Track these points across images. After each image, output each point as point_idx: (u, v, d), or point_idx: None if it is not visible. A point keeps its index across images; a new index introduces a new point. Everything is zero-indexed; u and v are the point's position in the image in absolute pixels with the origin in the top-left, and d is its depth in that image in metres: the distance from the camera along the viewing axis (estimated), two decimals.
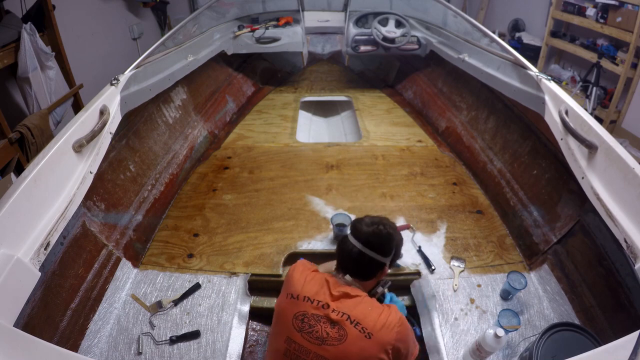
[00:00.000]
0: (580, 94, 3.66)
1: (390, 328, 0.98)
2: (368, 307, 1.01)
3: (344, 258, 1.10)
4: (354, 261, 1.07)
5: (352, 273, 1.09)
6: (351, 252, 1.07)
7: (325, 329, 0.98)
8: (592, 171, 1.31)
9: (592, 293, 1.32)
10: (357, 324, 0.97)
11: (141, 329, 1.32)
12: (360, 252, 1.06)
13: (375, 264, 1.08)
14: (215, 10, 3.09)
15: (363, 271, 1.10)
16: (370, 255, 1.06)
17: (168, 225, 1.82)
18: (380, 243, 1.07)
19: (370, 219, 1.11)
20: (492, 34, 2.18)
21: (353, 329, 0.97)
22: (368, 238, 1.07)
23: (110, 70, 1.89)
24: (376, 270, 1.10)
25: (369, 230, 1.07)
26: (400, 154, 2.39)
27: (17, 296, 0.97)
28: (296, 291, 1.05)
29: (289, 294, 1.06)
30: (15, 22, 2.41)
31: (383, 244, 1.08)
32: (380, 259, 1.08)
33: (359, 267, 1.08)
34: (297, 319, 1.01)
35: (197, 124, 2.52)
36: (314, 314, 1.00)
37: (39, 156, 1.20)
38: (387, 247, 1.09)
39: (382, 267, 1.10)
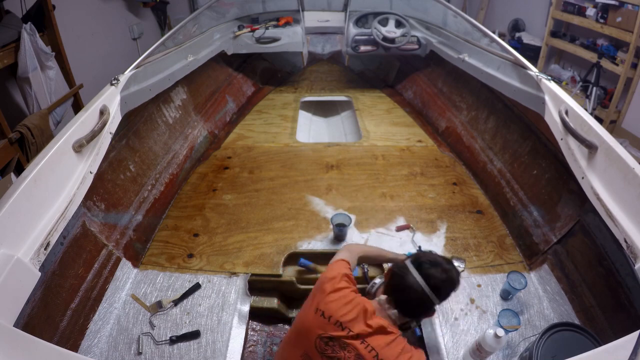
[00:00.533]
0: (580, 94, 3.66)
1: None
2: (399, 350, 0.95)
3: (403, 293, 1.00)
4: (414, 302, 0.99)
5: (405, 311, 1.01)
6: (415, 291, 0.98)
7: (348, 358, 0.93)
8: (592, 171, 1.31)
9: (592, 293, 1.32)
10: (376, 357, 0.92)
11: (141, 329, 1.32)
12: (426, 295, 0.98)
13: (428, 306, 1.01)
14: (215, 10, 3.09)
15: (417, 311, 1.02)
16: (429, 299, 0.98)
17: (168, 225, 1.82)
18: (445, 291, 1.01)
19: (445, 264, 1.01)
20: (492, 34, 2.18)
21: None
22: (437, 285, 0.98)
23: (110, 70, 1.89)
24: (426, 313, 1.04)
25: (442, 278, 0.99)
26: (400, 154, 2.39)
27: (17, 296, 0.97)
28: (329, 311, 0.97)
29: (320, 310, 0.98)
30: (15, 22, 2.41)
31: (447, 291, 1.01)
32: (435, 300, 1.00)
33: (413, 308, 1.01)
34: (321, 340, 0.95)
35: (197, 124, 2.52)
36: (343, 342, 0.94)
37: (39, 156, 1.20)
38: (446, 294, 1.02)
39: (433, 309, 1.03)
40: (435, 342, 1.30)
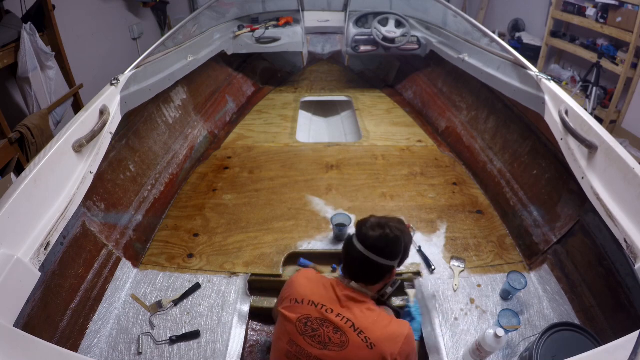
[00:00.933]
0: (580, 94, 3.66)
1: (395, 342, 0.96)
2: (375, 317, 0.98)
3: (350, 263, 1.06)
4: (360, 267, 1.03)
5: (359, 278, 1.05)
6: (357, 258, 1.02)
7: (328, 334, 0.96)
8: (592, 171, 1.31)
9: (592, 293, 1.32)
10: (360, 332, 0.95)
11: (141, 329, 1.32)
12: (366, 257, 1.01)
13: (383, 268, 1.03)
14: (215, 10, 3.09)
15: (370, 277, 1.05)
16: (377, 261, 1.01)
17: (168, 225, 1.82)
18: (388, 248, 1.02)
19: (376, 220, 1.05)
20: (492, 34, 2.18)
21: (356, 337, 0.95)
22: (374, 243, 1.01)
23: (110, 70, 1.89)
24: (384, 275, 1.06)
25: (375, 235, 1.01)
26: (400, 154, 2.39)
27: (17, 296, 0.97)
28: (301, 295, 1.02)
29: (293, 299, 1.04)
30: (15, 22, 2.41)
31: (391, 248, 1.03)
32: (388, 263, 1.03)
33: (366, 272, 1.04)
34: (300, 322, 0.99)
35: (197, 124, 2.52)
36: (318, 318, 0.98)
37: (39, 156, 1.20)
38: (395, 250, 1.04)
39: (389, 271, 1.06)
40: (435, 342, 1.30)
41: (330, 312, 0.98)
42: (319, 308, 1.00)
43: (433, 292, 1.45)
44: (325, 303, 1.00)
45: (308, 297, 1.02)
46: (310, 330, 0.98)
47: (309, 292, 1.03)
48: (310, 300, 1.01)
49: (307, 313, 1.00)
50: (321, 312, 0.99)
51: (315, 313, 0.99)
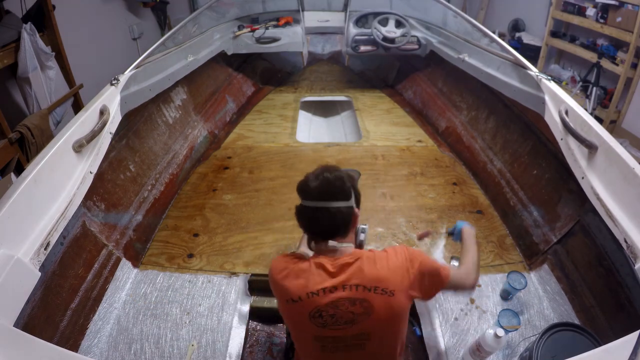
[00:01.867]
0: (580, 94, 3.66)
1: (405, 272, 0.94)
2: (372, 264, 0.94)
3: (313, 225, 0.98)
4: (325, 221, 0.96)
5: (330, 235, 0.97)
6: (315, 215, 0.95)
7: (347, 310, 0.92)
8: (592, 171, 1.31)
9: (592, 293, 1.32)
10: (375, 288, 0.91)
11: (141, 329, 1.32)
12: (325, 209, 0.94)
13: (344, 212, 0.96)
14: (215, 10, 3.09)
15: (338, 227, 0.97)
16: (335, 207, 0.94)
17: (168, 225, 1.81)
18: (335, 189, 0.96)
19: (311, 175, 0.99)
20: (492, 34, 2.18)
21: (374, 295, 0.91)
22: (320, 192, 0.95)
23: (110, 70, 1.89)
24: (349, 219, 0.98)
25: (317, 184, 0.95)
26: (400, 154, 2.39)
27: (17, 296, 0.97)
28: (295, 293, 0.94)
29: (289, 299, 0.95)
30: (15, 22, 2.41)
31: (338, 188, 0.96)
32: (345, 204, 0.96)
33: (333, 225, 0.96)
34: (314, 318, 0.93)
35: (197, 124, 2.51)
36: (328, 303, 0.92)
37: (39, 156, 1.20)
38: (344, 189, 0.97)
39: (352, 212, 0.98)
40: (435, 342, 1.30)
41: (334, 290, 0.92)
42: (322, 294, 0.93)
43: None
44: (324, 285, 0.93)
45: (303, 291, 0.94)
46: (330, 318, 0.93)
47: (302, 286, 0.94)
48: (307, 293, 0.93)
49: (315, 306, 0.93)
50: (327, 296, 0.92)
51: (322, 300, 0.92)
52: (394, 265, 0.95)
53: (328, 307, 0.92)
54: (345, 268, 0.94)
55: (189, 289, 1.47)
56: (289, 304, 0.96)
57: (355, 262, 0.95)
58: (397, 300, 0.93)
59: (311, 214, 0.96)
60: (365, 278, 0.92)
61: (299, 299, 0.94)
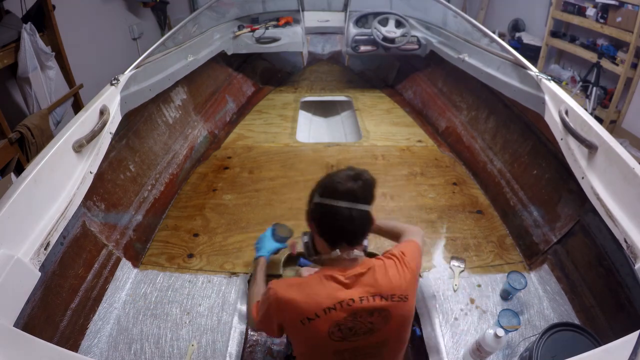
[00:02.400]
0: (580, 94, 3.66)
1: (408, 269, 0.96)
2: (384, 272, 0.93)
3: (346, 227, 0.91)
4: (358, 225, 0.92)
5: (352, 241, 0.93)
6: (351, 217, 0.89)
7: (366, 322, 0.90)
8: (592, 171, 1.31)
9: (592, 293, 1.32)
10: (392, 296, 0.90)
11: (141, 329, 1.32)
12: (361, 212, 0.90)
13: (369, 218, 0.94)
14: (215, 10, 3.09)
15: (364, 232, 0.95)
16: (367, 211, 0.92)
17: (168, 225, 1.81)
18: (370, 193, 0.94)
19: (344, 174, 0.94)
20: (492, 34, 2.18)
21: (392, 303, 0.91)
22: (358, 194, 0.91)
23: (110, 70, 1.89)
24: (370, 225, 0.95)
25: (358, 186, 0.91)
26: (400, 154, 2.39)
27: (17, 296, 0.97)
28: (311, 311, 0.88)
29: (303, 319, 0.89)
30: (15, 22, 2.41)
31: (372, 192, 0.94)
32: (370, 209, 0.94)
33: (363, 228, 0.94)
34: (333, 333, 0.89)
35: (197, 124, 2.52)
36: (346, 317, 0.89)
37: (39, 156, 1.20)
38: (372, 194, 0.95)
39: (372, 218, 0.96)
40: (435, 342, 1.30)
41: (352, 302, 0.88)
42: (338, 308, 0.88)
43: (433, 292, 1.45)
44: (341, 298, 0.89)
45: (318, 307, 0.88)
46: (348, 331, 0.90)
47: (314, 302, 0.89)
48: (324, 309, 0.88)
49: (333, 321, 0.88)
50: (343, 309, 0.88)
51: (340, 314, 0.88)
52: (402, 270, 0.96)
53: (347, 321, 0.89)
54: (358, 278, 0.91)
55: (189, 289, 1.47)
56: (304, 325, 0.89)
57: (367, 272, 0.92)
58: (410, 303, 0.94)
59: (348, 215, 0.89)
60: (381, 287, 0.91)
61: (316, 316, 0.88)
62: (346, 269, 0.92)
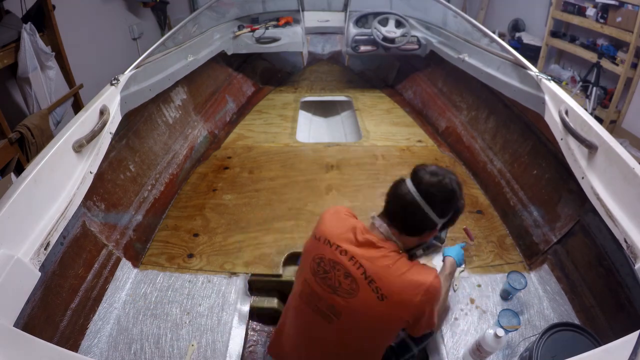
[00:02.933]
0: (580, 94, 3.66)
1: (413, 292, 0.87)
2: (390, 263, 0.89)
3: (394, 203, 0.95)
4: (404, 209, 0.92)
5: (397, 222, 0.94)
6: (404, 197, 0.92)
7: (338, 278, 0.90)
8: (592, 171, 1.31)
9: (592, 293, 1.32)
10: (371, 281, 0.88)
11: (141, 329, 1.32)
12: (414, 201, 0.90)
13: (427, 221, 0.92)
14: (215, 10, 3.09)
15: (410, 224, 0.93)
16: (424, 209, 0.90)
17: (168, 225, 1.81)
18: (441, 198, 0.92)
19: (436, 167, 0.95)
20: (492, 34, 2.18)
21: (366, 285, 0.88)
22: (429, 189, 0.91)
23: (110, 70, 1.89)
24: (424, 228, 0.94)
25: (432, 180, 0.91)
26: (401, 154, 2.39)
27: (17, 296, 0.97)
28: (320, 231, 0.97)
29: (314, 234, 0.99)
30: (15, 22, 2.41)
31: (443, 200, 0.92)
32: (433, 216, 0.91)
33: (407, 218, 0.93)
34: (314, 261, 0.95)
35: (197, 124, 2.52)
36: (330, 259, 0.92)
37: (39, 156, 1.20)
38: (446, 205, 0.93)
39: (432, 228, 0.94)
40: (435, 342, 1.30)
41: (344, 254, 0.91)
42: (333, 248, 0.92)
43: None
44: (340, 244, 0.92)
45: (326, 234, 0.95)
46: (322, 272, 0.93)
47: (328, 230, 0.96)
48: (326, 239, 0.94)
49: (322, 252, 0.94)
50: (334, 253, 0.92)
51: (328, 253, 0.92)
52: (408, 278, 0.89)
53: (328, 262, 0.93)
54: (368, 246, 0.92)
55: (189, 289, 1.47)
56: (313, 239, 0.99)
57: (379, 249, 0.92)
58: (383, 308, 0.88)
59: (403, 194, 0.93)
60: (372, 267, 0.89)
61: (319, 239, 0.97)
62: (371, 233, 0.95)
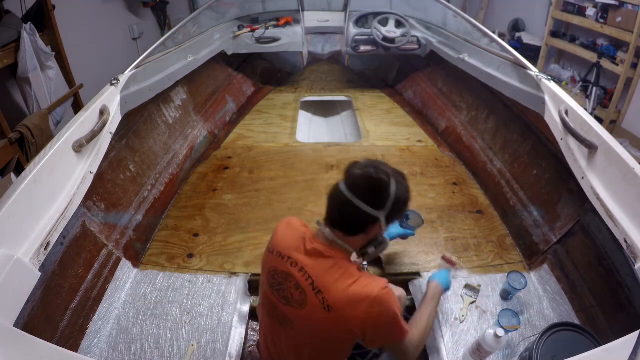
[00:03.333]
0: (580, 94, 3.66)
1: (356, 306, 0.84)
2: (337, 275, 0.88)
3: (330, 205, 0.94)
4: (340, 209, 0.90)
5: (337, 225, 0.92)
6: (338, 197, 0.90)
7: (290, 289, 0.91)
8: (592, 171, 1.31)
9: (592, 293, 1.32)
10: (318, 292, 0.87)
11: (141, 329, 1.32)
12: (346, 198, 0.88)
13: (364, 216, 0.88)
14: (215, 10, 3.09)
15: (348, 223, 0.91)
16: (356, 204, 0.87)
17: (168, 225, 1.81)
18: (369, 189, 0.89)
19: (366, 161, 0.92)
20: (492, 34, 2.18)
21: (314, 296, 0.87)
22: (355, 182, 0.89)
23: (110, 70, 1.89)
24: (365, 225, 0.90)
25: (357, 173, 0.90)
26: (400, 154, 2.39)
27: (17, 296, 0.97)
28: (273, 244, 0.99)
29: (269, 247, 1.01)
30: (15, 22, 2.41)
31: (372, 190, 0.89)
32: (370, 211, 0.88)
33: (344, 217, 0.91)
34: (270, 274, 0.97)
35: (197, 124, 2.52)
36: (283, 271, 0.93)
37: (39, 156, 1.20)
38: (377, 195, 0.89)
39: (373, 222, 0.90)
40: (435, 342, 1.30)
41: (294, 265, 0.91)
42: (285, 260, 0.93)
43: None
44: (291, 255, 0.92)
45: (278, 247, 0.96)
46: (277, 284, 0.94)
47: (280, 242, 0.97)
48: (279, 252, 0.95)
49: (275, 265, 0.95)
50: (286, 265, 0.92)
51: (281, 266, 0.93)
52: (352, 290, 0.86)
53: (281, 274, 0.95)
54: (317, 256, 0.91)
55: (189, 289, 1.47)
56: (268, 252, 1.02)
57: (326, 258, 0.90)
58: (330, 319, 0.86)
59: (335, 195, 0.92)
60: (319, 278, 0.89)
61: (272, 252, 0.99)
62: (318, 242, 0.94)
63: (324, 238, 0.94)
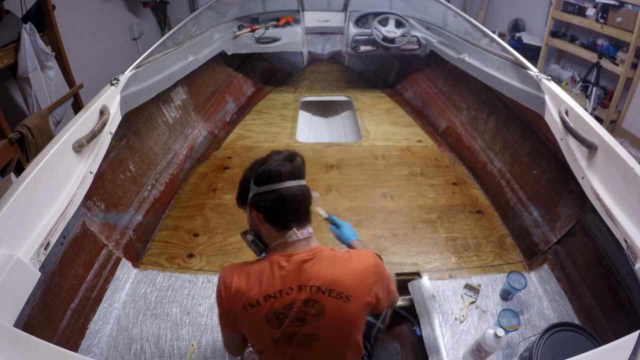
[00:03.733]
0: (580, 94, 3.66)
1: (366, 280, 0.90)
2: (331, 263, 0.89)
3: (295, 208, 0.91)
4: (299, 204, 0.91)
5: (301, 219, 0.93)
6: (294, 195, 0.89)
7: (300, 311, 0.88)
8: (592, 171, 1.31)
9: (592, 293, 1.32)
10: (330, 291, 0.87)
11: (141, 329, 1.32)
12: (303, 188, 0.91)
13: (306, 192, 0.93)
14: (215, 10, 3.09)
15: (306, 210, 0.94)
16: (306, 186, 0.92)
17: (168, 225, 1.81)
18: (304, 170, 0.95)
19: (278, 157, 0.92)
20: (492, 34, 2.18)
21: (328, 298, 0.87)
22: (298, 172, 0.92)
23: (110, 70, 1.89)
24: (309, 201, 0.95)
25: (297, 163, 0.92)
26: (400, 154, 2.39)
27: (17, 296, 0.97)
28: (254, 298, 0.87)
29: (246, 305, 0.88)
30: (15, 22, 2.41)
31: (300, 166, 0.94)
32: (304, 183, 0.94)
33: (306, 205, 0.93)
34: (270, 320, 0.89)
35: (197, 124, 2.52)
36: (285, 305, 0.88)
37: (39, 156, 1.20)
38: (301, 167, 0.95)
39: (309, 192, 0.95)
40: (435, 342, 1.30)
41: (291, 291, 0.87)
42: (278, 297, 0.88)
43: (432, 293, 1.45)
44: (280, 287, 0.88)
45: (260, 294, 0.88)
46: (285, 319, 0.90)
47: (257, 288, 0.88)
48: (264, 296, 0.88)
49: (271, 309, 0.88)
50: (284, 299, 0.88)
51: (278, 303, 0.88)
52: (356, 269, 0.90)
53: (284, 309, 0.88)
54: (302, 265, 0.88)
55: (189, 289, 1.47)
56: (246, 310, 0.88)
57: (312, 260, 0.89)
58: (351, 307, 0.88)
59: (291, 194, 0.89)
60: (322, 279, 0.87)
61: (257, 303, 0.88)
62: (291, 255, 0.90)
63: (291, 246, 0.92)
